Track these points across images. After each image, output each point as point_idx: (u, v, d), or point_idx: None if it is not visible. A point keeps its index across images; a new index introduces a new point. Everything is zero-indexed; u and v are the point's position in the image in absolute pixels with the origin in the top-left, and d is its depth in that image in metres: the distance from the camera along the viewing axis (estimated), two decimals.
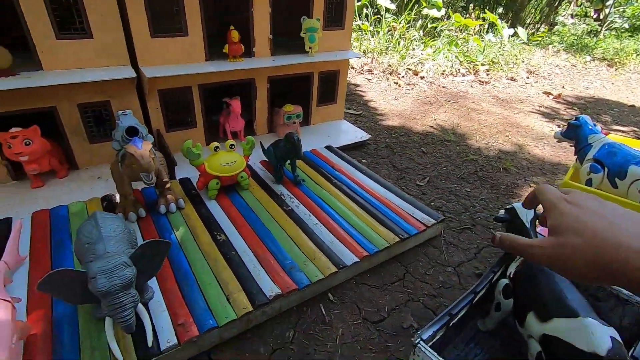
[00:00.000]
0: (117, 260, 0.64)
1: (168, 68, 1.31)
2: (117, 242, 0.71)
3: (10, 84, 1.06)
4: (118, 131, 0.96)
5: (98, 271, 0.62)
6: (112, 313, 0.65)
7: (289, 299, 0.89)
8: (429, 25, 4.19)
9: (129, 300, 0.65)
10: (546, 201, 0.38)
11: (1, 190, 1.21)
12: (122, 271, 0.64)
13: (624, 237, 0.31)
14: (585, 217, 0.33)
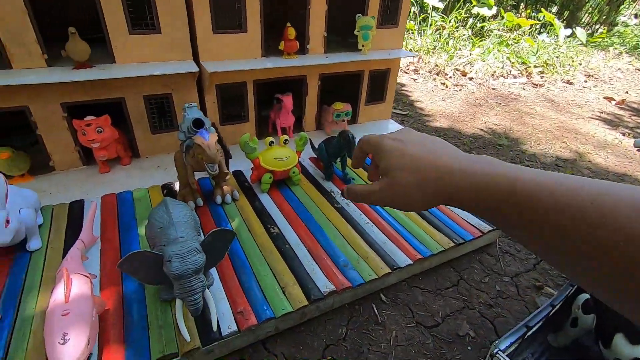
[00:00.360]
0: (189, 245, 0.67)
1: (227, 63, 1.36)
2: (187, 228, 0.75)
3: (87, 75, 1.14)
4: (184, 123, 1.01)
5: (173, 255, 0.66)
6: (183, 296, 0.68)
7: (342, 296, 0.89)
8: (478, 24, 4.03)
9: (198, 285, 0.68)
10: (372, 146, 0.37)
11: (73, 174, 1.30)
12: (194, 256, 0.67)
13: (442, 161, 0.31)
14: (407, 150, 0.33)
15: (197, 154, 0.92)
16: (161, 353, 0.70)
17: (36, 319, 0.75)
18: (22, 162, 1.20)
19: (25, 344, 0.71)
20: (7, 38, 1.06)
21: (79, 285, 0.71)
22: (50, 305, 0.67)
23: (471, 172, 0.29)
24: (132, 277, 0.71)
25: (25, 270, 0.87)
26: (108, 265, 0.90)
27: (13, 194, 0.89)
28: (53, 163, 1.29)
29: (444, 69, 3.14)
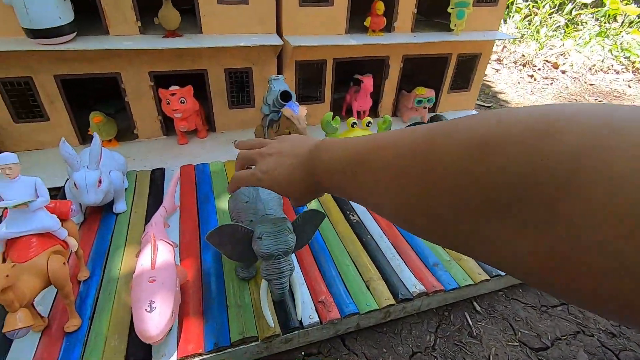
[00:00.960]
0: (282, 224, 0.61)
1: (311, 38, 1.28)
2: (275, 205, 0.69)
3: (176, 43, 1.14)
4: (270, 95, 0.95)
5: (265, 233, 0.60)
6: (270, 277, 0.62)
7: (431, 299, 0.79)
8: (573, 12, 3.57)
9: (287, 267, 0.62)
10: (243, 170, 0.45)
11: (154, 143, 1.33)
12: (286, 236, 0.61)
13: (287, 159, 0.39)
14: (266, 152, 0.42)
15: (284, 127, 0.86)
16: (241, 335, 0.65)
17: (121, 280, 0.75)
18: (111, 127, 1.24)
19: (110, 303, 0.70)
20: (107, 2, 1.08)
21: (164, 252, 0.69)
22: (137, 270, 0.65)
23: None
24: (219, 251, 0.66)
25: (111, 232, 0.88)
26: (187, 235, 0.88)
27: (105, 155, 0.91)
28: (137, 131, 1.32)
29: (532, 60, 2.81)
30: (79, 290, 0.72)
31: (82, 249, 0.80)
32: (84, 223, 0.90)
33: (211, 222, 0.93)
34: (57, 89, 1.15)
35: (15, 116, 1.16)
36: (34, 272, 0.56)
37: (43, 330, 0.64)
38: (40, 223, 0.59)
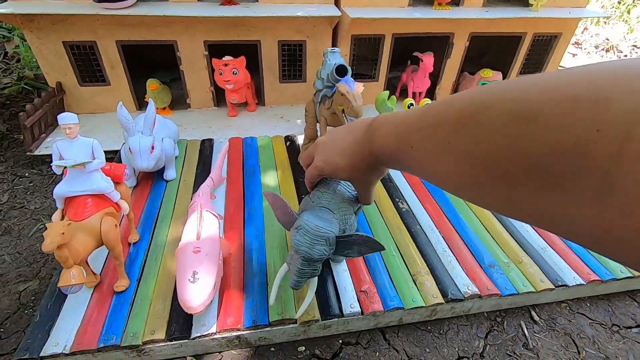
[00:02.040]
0: (324, 233, 0.54)
1: (371, 10, 1.20)
2: (335, 198, 0.59)
3: (232, 11, 1.11)
4: (324, 69, 0.90)
5: (303, 229, 0.54)
6: (290, 267, 0.58)
7: (484, 302, 0.72)
8: None
9: (308, 271, 0.57)
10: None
11: (205, 113, 1.34)
12: (320, 247, 0.54)
13: (343, 143, 0.42)
14: (320, 142, 0.47)
15: (338, 104, 0.81)
16: (280, 316, 0.64)
17: (167, 246, 0.76)
18: (166, 95, 1.27)
19: (157, 268, 0.72)
20: None
21: (209, 223, 0.68)
22: (183, 239, 0.65)
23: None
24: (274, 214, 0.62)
25: (160, 199, 0.90)
26: (232, 207, 0.88)
27: (159, 122, 0.91)
28: (189, 100, 1.33)
29: (617, 45, 2.47)
30: (129, 252, 0.75)
31: (133, 212, 0.82)
32: (136, 187, 0.92)
33: (256, 195, 0.91)
34: (118, 54, 1.18)
35: (80, 79, 1.22)
36: (87, 232, 0.58)
37: (95, 287, 0.67)
38: (95, 184, 0.60)
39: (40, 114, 1.09)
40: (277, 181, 0.98)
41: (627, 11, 2.72)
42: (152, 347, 0.60)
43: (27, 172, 1.06)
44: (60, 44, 1.13)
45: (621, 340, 0.71)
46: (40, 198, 0.97)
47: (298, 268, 0.56)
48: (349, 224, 0.60)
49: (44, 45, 1.13)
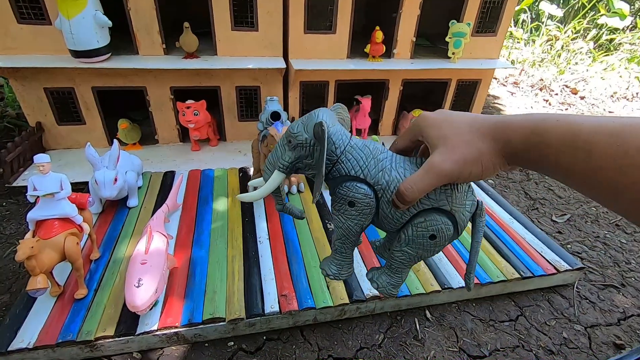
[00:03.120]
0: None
1: (313, 62, 1.42)
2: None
3: (194, 64, 1.31)
4: (264, 114, 1.10)
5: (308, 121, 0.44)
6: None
7: (385, 303, 0.88)
8: (603, 37, 3.51)
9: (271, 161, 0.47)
10: (418, 125, 0.37)
11: (171, 148, 1.51)
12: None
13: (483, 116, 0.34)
14: (449, 114, 0.35)
15: (269, 143, 1.00)
16: (210, 315, 0.78)
17: (124, 262, 0.91)
18: (135, 133, 1.44)
19: (113, 280, 0.86)
20: (138, 28, 1.28)
21: (157, 241, 0.84)
22: (134, 253, 0.80)
23: (523, 118, 0.31)
24: None
25: (122, 223, 1.05)
26: (184, 229, 1.03)
27: (123, 158, 1.08)
28: (158, 137, 1.51)
29: (549, 84, 2.81)
30: (90, 267, 0.89)
31: (97, 234, 0.97)
32: (102, 213, 1.07)
33: (206, 220, 1.07)
34: (93, 98, 1.36)
35: (58, 119, 1.38)
36: (53, 247, 0.73)
37: (58, 295, 0.80)
38: (62, 210, 0.76)
39: (20, 151, 1.24)
40: (226, 207, 1.14)
41: (557, 55, 3.10)
42: (103, 343, 0.74)
43: (5, 201, 1.19)
44: (41, 90, 1.31)
45: (494, 331, 0.88)
46: (15, 224, 1.10)
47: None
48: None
49: (26, 91, 1.30)
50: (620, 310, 0.97)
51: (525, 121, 0.31)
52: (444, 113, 0.35)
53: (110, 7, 1.23)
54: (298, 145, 0.40)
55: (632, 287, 1.05)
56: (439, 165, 0.33)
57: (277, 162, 0.42)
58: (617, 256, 1.16)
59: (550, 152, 0.29)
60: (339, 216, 0.41)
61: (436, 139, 0.34)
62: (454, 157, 0.32)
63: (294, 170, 0.43)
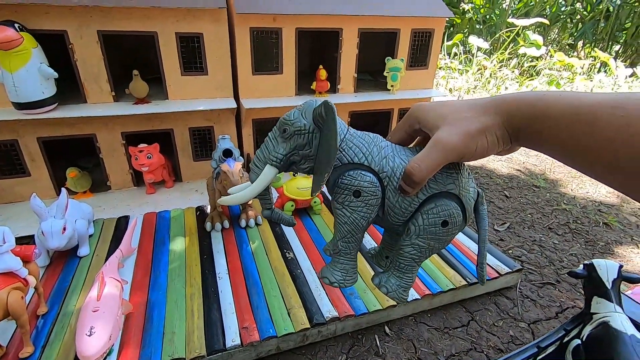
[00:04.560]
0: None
1: (263, 101, 1.51)
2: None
3: (145, 109, 1.34)
4: (216, 152, 1.14)
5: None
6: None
7: (345, 323, 0.91)
8: (525, 64, 3.97)
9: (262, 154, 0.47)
10: (415, 115, 0.38)
11: (125, 193, 1.49)
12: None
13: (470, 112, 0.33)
14: (447, 101, 0.36)
15: (222, 180, 1.04)
16: (170, 356, 0.77)
17: (75, 314, 0.87)
18: (85, 181, 1.41)
19: (63, 334, 0.82)
20: (86, 78, 1.30)
21: (110, 287, 0.82)
22: (85, 301, 0.78)
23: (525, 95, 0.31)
24: None
25: (73, 273, 1.01)
26: (139, 274, 1.02)
27: (72, 206, 1.06)
28: (110, 183, 1.49)
29: None
30: (37, 323, 0.84)
31: (45, 287, 0.93)
32: (49, 265, 1.03)
33: (162, 262, 1.06)
34: (39, 149, 1.33)
35: (0, 173, 1.33)
36: None
37: (1, 357, 0.75)
38: (4, 264, 0.73)
39: None
40: (184, 246, 1.14)
41: (487, 82, 3.45)
42: None
43: None
44: None
45: (448, 338, 0.93)
46: None
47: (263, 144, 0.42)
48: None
49: None
50: (557, 305, 1.06)
51: (527, 96, 0.30)
52: (439, 101, 0.36)
53: (56, 56, 1.25)
54: (295, 133, 0.37)
55: (566, 282, 1.15)
56: (445, 139, 0.32)
57: (269, 156, 0.38)
58: (552, 256, 1.28)
59: (553, 125, 0.28)
60: (343, 210, 0.38)
61: (435, 119, 0.33)
62: (458, 130, 0.31)
63: (288, 165, 0.40)
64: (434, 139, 0.32)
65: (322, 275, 0.43)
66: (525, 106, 0.30)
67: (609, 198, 1.75)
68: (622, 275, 0.66)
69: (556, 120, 0.28)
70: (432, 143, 0.32)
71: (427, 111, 0.35)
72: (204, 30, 1.35)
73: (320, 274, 0.44)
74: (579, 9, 5.36)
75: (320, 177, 0.37)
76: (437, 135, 0.32)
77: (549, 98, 0.29)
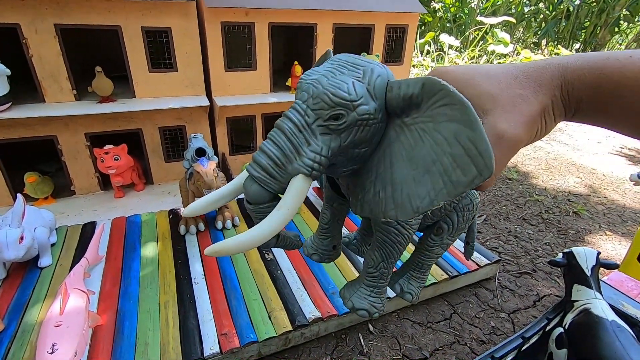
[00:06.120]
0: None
1: (237, 98, 1.46)
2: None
3: (110, 108, 1.26)
4: (189, 151, 1.09)
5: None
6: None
7: (328, 323, 0.89)
8: (494, 61, 4.09)
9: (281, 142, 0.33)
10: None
11: (91, 198, 1.40)
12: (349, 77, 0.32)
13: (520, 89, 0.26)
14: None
15: (196, 180, 0.99)
16: None
17: (35, 330, 0.80)
18: (46, 186, 1.31)
19: (22, 352, 0.75)
20: (43, 76, 1.21)
21: (75, 299, 0.76)
22: (47, 316, 0.72)
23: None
24: None
25: (33, 286, 0.93)
26: (108, 283, 0.95)
27: (31, 214, 0.98)
28: (74, 187, 1.39)
29: None
30: None
31: (1, 302, 0.86)
32: (6, 278, 0.95)
33: (133, 269, 1.00)
34: None
35: None
36: None
37: None
38: None
39: None
40: (156, 252, 1.08)
41: None
42: None
43: None
44: None
45: (432, 332, 0.93)
46: None
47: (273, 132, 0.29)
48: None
49: None
50: (534, 293, 1.08)
51: (586, 62, 0.25)
52: (466, 66, 0.27)
53: (8, 53, 1.15)
54: (358, 122, 0.25)
55: (541, 271, 1.18)
56: (511, 133, 0.25)
57: (301, 160, 0.25)
58: (527, 246, 1.31)
59: (627, 94, 0.24)
60: (402, 229, 0.32)
61: (481, 99, 0.25)
62: (520, 118, 0.25)
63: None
64: (496, 132, 0.25)
65: (359, 308, 0.34)
66: (590, 71, 0.25)
67: (577, 188, 1.82)
68: (600, 262, 0.68)
69: (629, 88, 0.23)
70: (494, 139, 0.24)
71: (463, 83, 0.26)
72: (172, 24, 1.29)
73: (355, 307, 0.35)
74: (542, 9, 5.59)
75: (405, 204, 0.25)
76: (496, 125, 0.25)
77: (618, 63, 0.24)
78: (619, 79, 0.24)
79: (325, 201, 0.39)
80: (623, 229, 1.48)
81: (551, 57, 0.26)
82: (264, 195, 0.26)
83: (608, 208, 1.63)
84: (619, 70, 0.24)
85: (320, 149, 0.25)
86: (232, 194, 0.31)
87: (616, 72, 0.24)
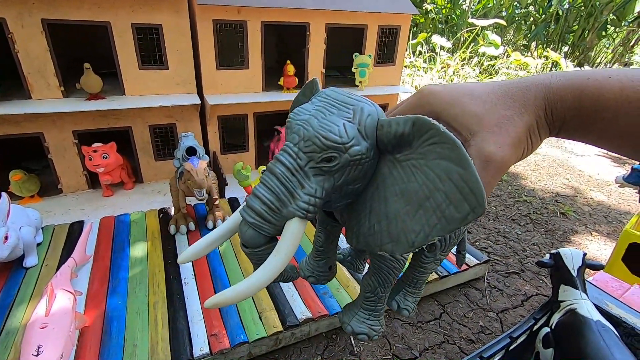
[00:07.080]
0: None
1: (228, 96, 1.45)
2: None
3: (98, 105, 1.24)
4: (179, 150, 1.08)
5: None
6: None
7: (319, 324, 0.89)
8: (485, 63, 4.14)
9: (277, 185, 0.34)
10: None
11: (79, 197, 1.38)
12: (340, 119, 0.26)
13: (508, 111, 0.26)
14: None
15: (186, 179, 0.98)
16: None
17: (20, 332, 0.79)
18: (32, 184, 1.29)
19: (6, 355, 0.74)
20: (29, 71, 1.18)
21: (61, 300, 0.75)
22: (32, 318, 0.70)
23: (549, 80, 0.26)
24: None
25: (18, 286, 0.91)
26: (96, 282, 0.94)
27: (16, 212, 0.96)
28: (61, 186, 1.37)
29: None
30: None
31: None
32: None
33: (122, 269, 0.99)
34: None
35: None
36: None
37: None
38: None
39: None
40: (145, 251, 1.07)
41: (451, 80, 3.56)
42: None
43: None
44: None
45: (422, 332, 0.94)
46: None
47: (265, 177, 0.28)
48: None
49: None
50: (522, 293, 1.10)
51: (568, 81, 0.25)
52: (452, 85, 0.27)
53: None
54: (351, 163, 0.25)
55: (529, 271, 1.20)
56: (499, 156, 0.25)
57: (296, 203, 0.25)
58: (515, 246, 1.33)
59: (607, 116, 0.24)
60: (398, 256, 0.32)
61: (467, 120, 0.26)
62: (507, 140, 0.25)
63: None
64: (484, 154, 0.25)
65: (359, 332, 0.35)
66: (572, 91, 0.25)
67: (565, 189, 1.85)
68: (586, 262, 0.69)
69: (612, 110, 0.24)
70: (482, 162, 0.25)
71: (449, 104, 0.26)
72: (162, 21, 1.27)
73: (354, 331, 0.35)
74: (532, 12, 5.67)
75: (399, 242, 0.25)
76: (483, 147, 0.25)
77: (597, 83, 0.25)
78: (599, 99, 0.24)
79: (318, 224, 0.40)
80: (608, 229, 1.51)
81: (534, 76, 0.27)
82: (259, 240, 0.27)
83: (594, 209, 1.67)
84: (599, 92, 0.24)
85: (314, 191, 0.25)
86: (227, 234, 0.30)
87: (596, 93, 0.25)
